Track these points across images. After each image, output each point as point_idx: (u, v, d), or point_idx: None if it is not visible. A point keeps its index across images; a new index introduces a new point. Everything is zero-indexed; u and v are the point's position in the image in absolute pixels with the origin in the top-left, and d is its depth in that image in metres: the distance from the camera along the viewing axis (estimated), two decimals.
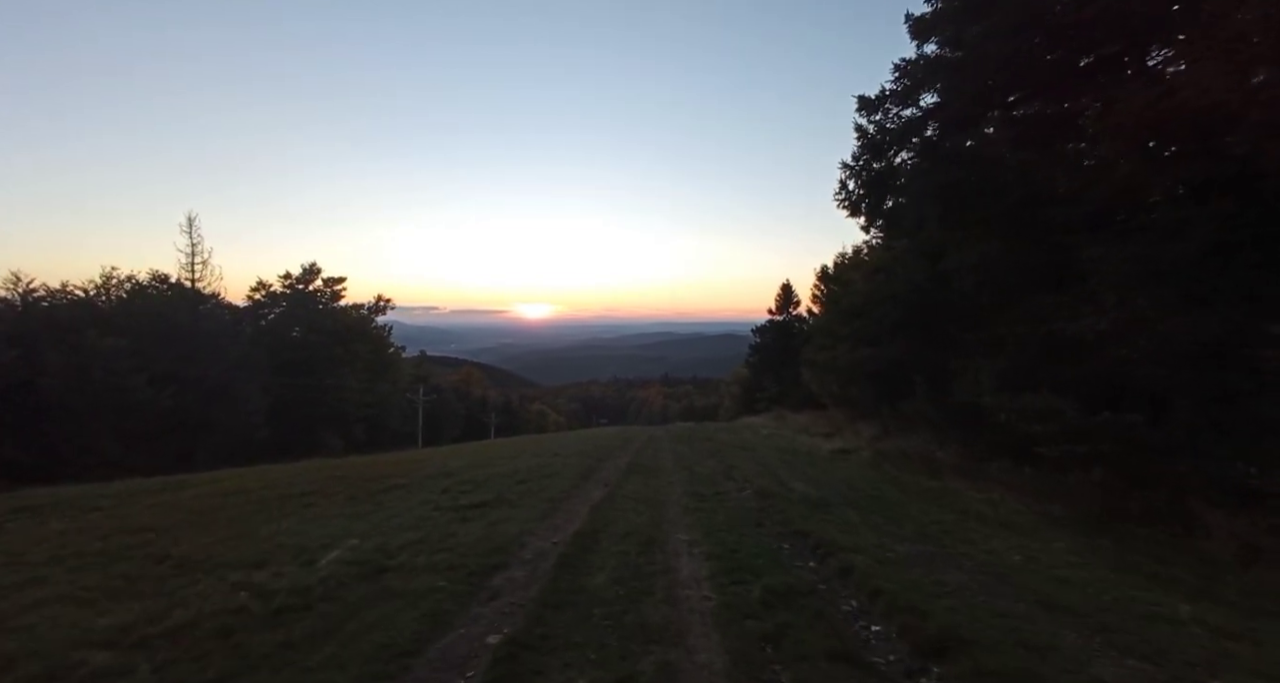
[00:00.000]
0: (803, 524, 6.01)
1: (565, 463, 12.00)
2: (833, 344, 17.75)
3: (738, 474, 9.95)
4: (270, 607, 4.06)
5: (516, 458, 13.62)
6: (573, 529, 6.33)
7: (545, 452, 14.89)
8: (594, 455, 13.34)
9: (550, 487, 9.15)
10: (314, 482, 10.06)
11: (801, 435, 17.38)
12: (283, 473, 11.83)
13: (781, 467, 10.96)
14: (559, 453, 14.34)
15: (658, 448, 15.24)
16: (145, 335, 29.54)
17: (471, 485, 9.32)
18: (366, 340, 44.16)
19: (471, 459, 13.62)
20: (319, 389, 38.85)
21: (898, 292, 13.18)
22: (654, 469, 10.94)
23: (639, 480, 9.65)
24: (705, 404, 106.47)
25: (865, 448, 12.31)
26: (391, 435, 49.08)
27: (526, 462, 12.52)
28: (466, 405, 65.49)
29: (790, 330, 44.91)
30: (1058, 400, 7.01)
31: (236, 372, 31.05)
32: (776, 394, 41.82)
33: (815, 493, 8.00)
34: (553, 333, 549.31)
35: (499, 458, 13.75)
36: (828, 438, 16.25)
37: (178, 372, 29.06)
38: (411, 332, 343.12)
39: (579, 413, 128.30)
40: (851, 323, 16.70)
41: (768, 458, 12.36)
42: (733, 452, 13.59)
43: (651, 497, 8.15)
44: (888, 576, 4.18)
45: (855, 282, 16.08)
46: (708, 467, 11.01)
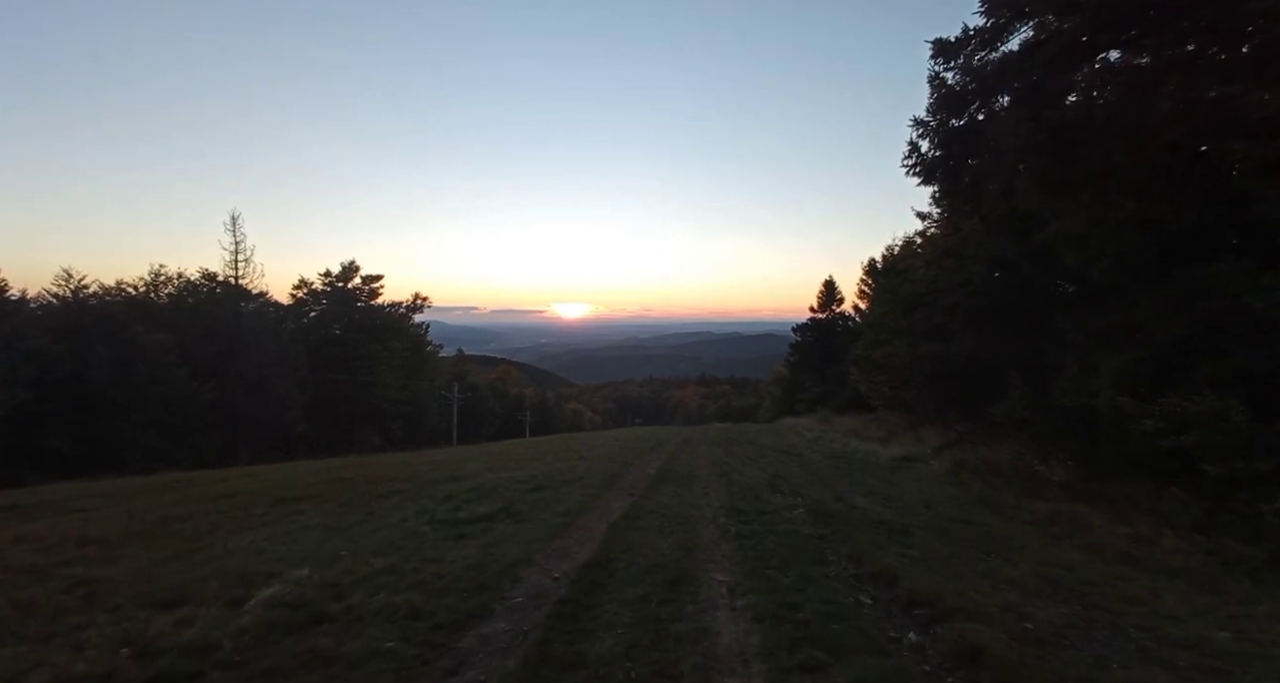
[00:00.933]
0: (881, 560, 4.52)
1: (590, 467, 10.76)
2: (888, 340, 15.93)
3: (786, 485, 8.46)
4: (145, 675, 2.90)
5: (538, 460, 12.46)
6: (583, 557, 5.02)
7: (571, 453, 13.70)
8: (622, 459, 12.05)
9: (567, 496, 7.90)
10: (314, 484, 9.12)
11: (852, 440, 15.63)
12: (289, 473, 11.02)
13: (837, 477, 9.39)
14: (585, 455, 13.12)
15: (693, 451, 13.83)
16: (190, 331, 30.05)
17: (479, 493, 8.15)
18: (404, 338, 44.21)
19: (491, 461, 12.53)
20: (357, 386, 38.98)
21: (972, 276, 11.36)
22: (688, 477, 9.55)
23: (670, 491, 8.29)
24: (742, 405, 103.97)
25: (935, 457, 10.58)
26: (428, 433, 49.19)
27: (548, 465, 11.33)
28: (503, 404, 65.43)
29: (833, 329, 42.69)
30: (1224, 402, 5.26)
31: (276, 368, 31.21)
32: (819, 395, 39.73)
33: (887, 514, 6.46)
34: (590, 332, 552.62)
35: (520, 460, 12.62)
36: (883, 443, 14.47)
37: (219, 367, 29.39)
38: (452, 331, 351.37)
39: (615, 412, 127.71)
40: (910, 316, 14.87)
41: (818, 466, 10.79)
42: (777, 457, 12.06)
43: (683, 513, 6.77)
44: (1044, 673, 2.69)
45: (916, 269, 14.25)
46: (749, 475, 9.55)
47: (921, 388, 16.55)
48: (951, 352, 12.99)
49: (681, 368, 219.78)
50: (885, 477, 9.35)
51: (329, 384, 37.94)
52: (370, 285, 40.65)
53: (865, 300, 33.20)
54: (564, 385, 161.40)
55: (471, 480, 9.31)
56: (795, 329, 45.05)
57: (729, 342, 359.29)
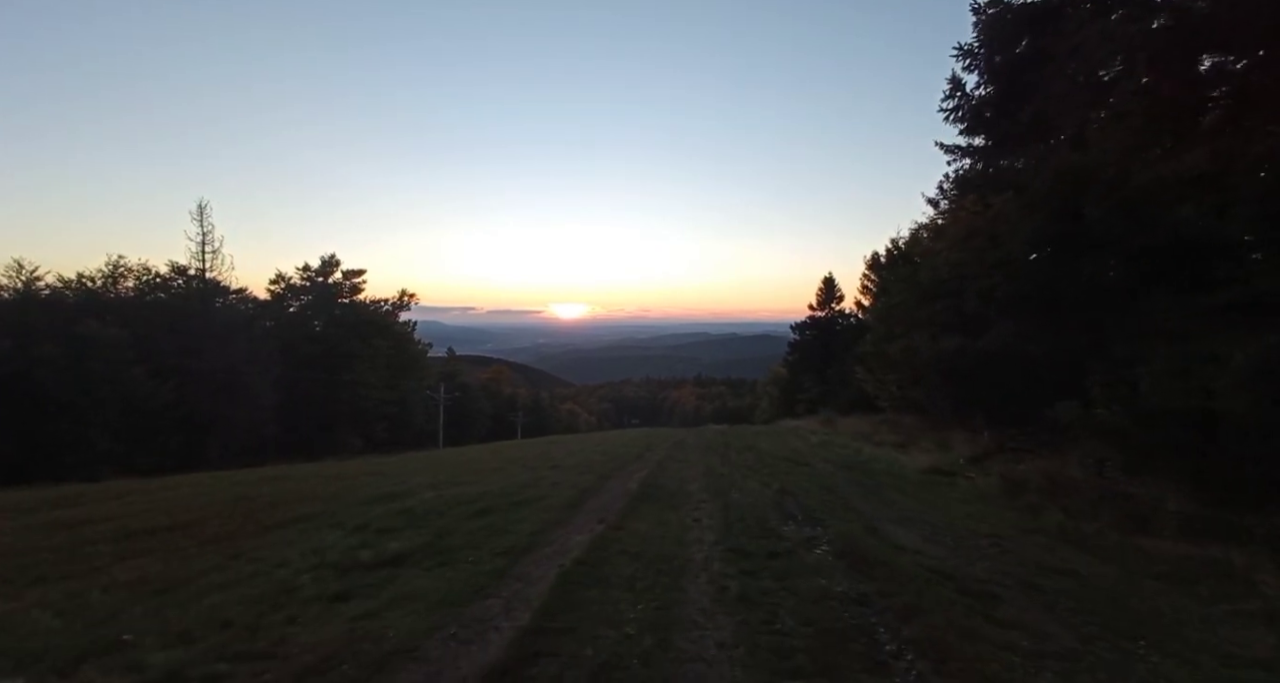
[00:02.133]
0: (976, 665, 2.69)
1: (560, 480, 8.90)
2: (904, 332, 14.11)
3: (797, 507, 6.63)
4: None
5: (503, 470, 10.59)
6: (494, 652, 3.16)
7: (545, 461, 11.84)
8: (601, 468, 10.20)
9: (518, 524, 6.05)
10: (199, 509, 7.20)
11: (864, 445, 13.80)
12: (193, 491, 9.10)
13: (859, 495, 7.56)
14: (560, 463, 11.26)
15: (685, 458, 11.98)
16: (152, 327, 28.10)
17: (407, 520, 6.28)
18: (389, 336, 42.25)
19: (448, 470, 10.65)
20: (337, 385, 37.01)
21: (1013, 254, 9.56)
22: (675, 494, 7.70)
23: (652, 516, 6.44)
24: (739, 405, 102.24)
25: (973, 469, 8.77)
26: (415, 434, 47.22)
27: (512, 477, 9.47)
28: (495, 404, 63.44)
29: (833, 327, 40.99)
30: None
31: (247, 366, 29.23)
32: (819, 395, 38.01)
33: (944, 557, 4.63)
34: (587, 333, 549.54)
35: (484, 469, 10.74)
36: (901, 450, 12.65)
37: (183, 365, 27.42)
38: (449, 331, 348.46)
39: (611, 413, 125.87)
40: (931, 306, 13.06)
41: (833, 478, 8.95)
42: (782, 467, 10.23)
43: (665, 553, 4.93)
44: None
45: (938, 252, 12.44)
46: (751, 492, 7.71)
47: (939, 387, 14.74)
48: (980, 345, 11.18)
49: (678, 368, 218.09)
50: (919, 495, 7.52)
51: (307, 383, 35.95)
52: (352, 281, 38.71)
53: (868, 296, 31.43)
54: (560, 386, 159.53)
55: (407, 500, 7.44)
56: (794, 327, 43.30)
57: (725, 342, 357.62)
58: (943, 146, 19.84)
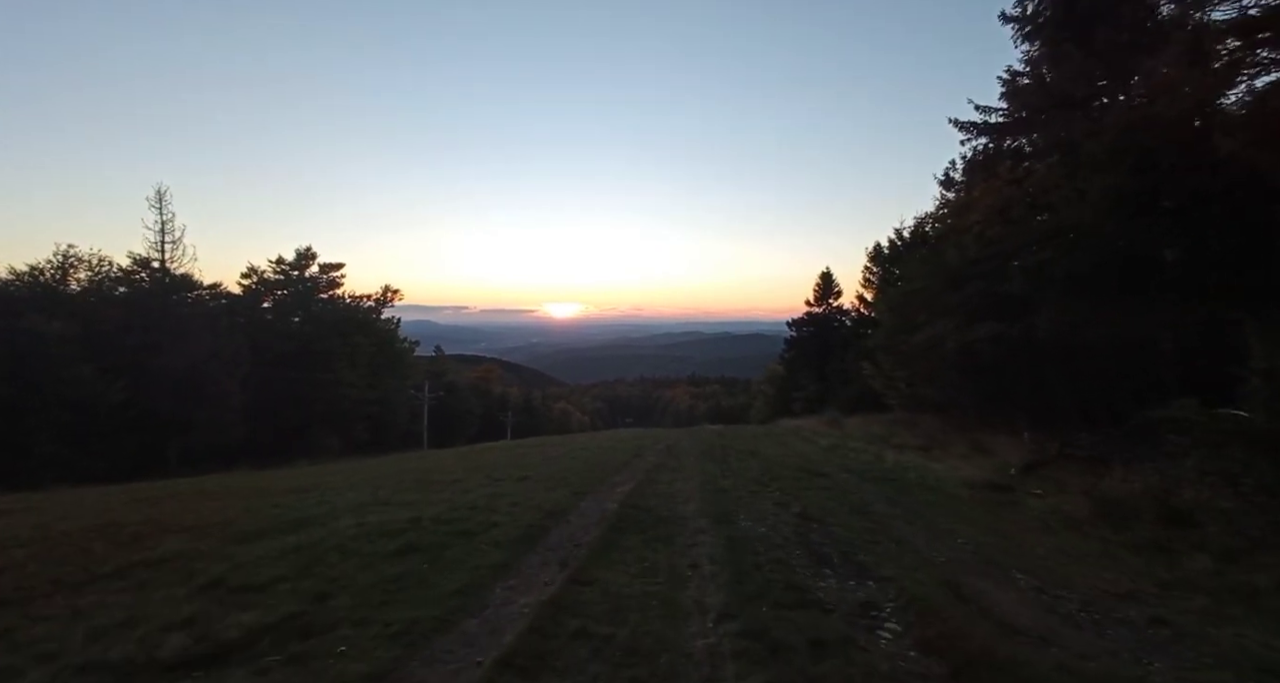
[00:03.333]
0: None
1: (525, 497, 7.10)
2: (926, 322, 12.38)
3: (830, 542, 4.88)
4: None
5: (461, 482, 8.74)
6: None
7: (515, 470, 10.02)
8: (578, 481, 8.40)
9: (445, 574, 4.25)
10: (34, 542, 5.36)
11: (883, 450, 12.06)
12: (64, 508, 7.21)
13: (904, 520, 5.80)
14: (532, 473, 9.45)
15: (678, 466, 10.20)
16: (105, 321, 26.03)
17: (293, 565, 4.45)
18: (370, 333, 40.23)
19: (390, 486, 8.77)
20: (314, 384, 34.97)
21: (1075, 221, 7.84)
22: (666, 520, 5.92)
23: (632, 557, 4.67)
24: (733, 404, 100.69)
25: (1029, 481, 7.06)
26: (400, 435, 45.24)
27: (467, 493, 7.64)
28: (484, 404, 61.45)
29: (830, 323, 39.46)
30: None
31: (211, 363, 27.19)
32: (817, 394, 36.48)
33: (1103, 660, 2.87)
34: (581, 332, 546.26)
35: (436, 483, 8.89)
36: (927, 455, 10.92)
37: (139, 363, 25.36)
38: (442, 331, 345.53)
39: (604, 412, 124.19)
40: (960, 290, 11.34)
41: (862, 495, 7.19)
42: (794, 478, 8.47)
43: (648, 632, 3.17)
44: None
45: (969, 228, 10.71)
46: (763, 516, 5.95)
47: (964, 382, 13.04)
48: (1021, 332, 9.47)
49: (672, 367, 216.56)
50: (982, 521, 5.78)
51: (281, 382, 33.89)
52: (330, 274, 36.66)
53: (871, 289, 29.82)
54: (554, 385, 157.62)
55: (312, 530, 5.59)
56: (791, 324, 41.70)
57: (719, 341, 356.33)
58: (958, 124, 18.20)
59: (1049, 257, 8.34)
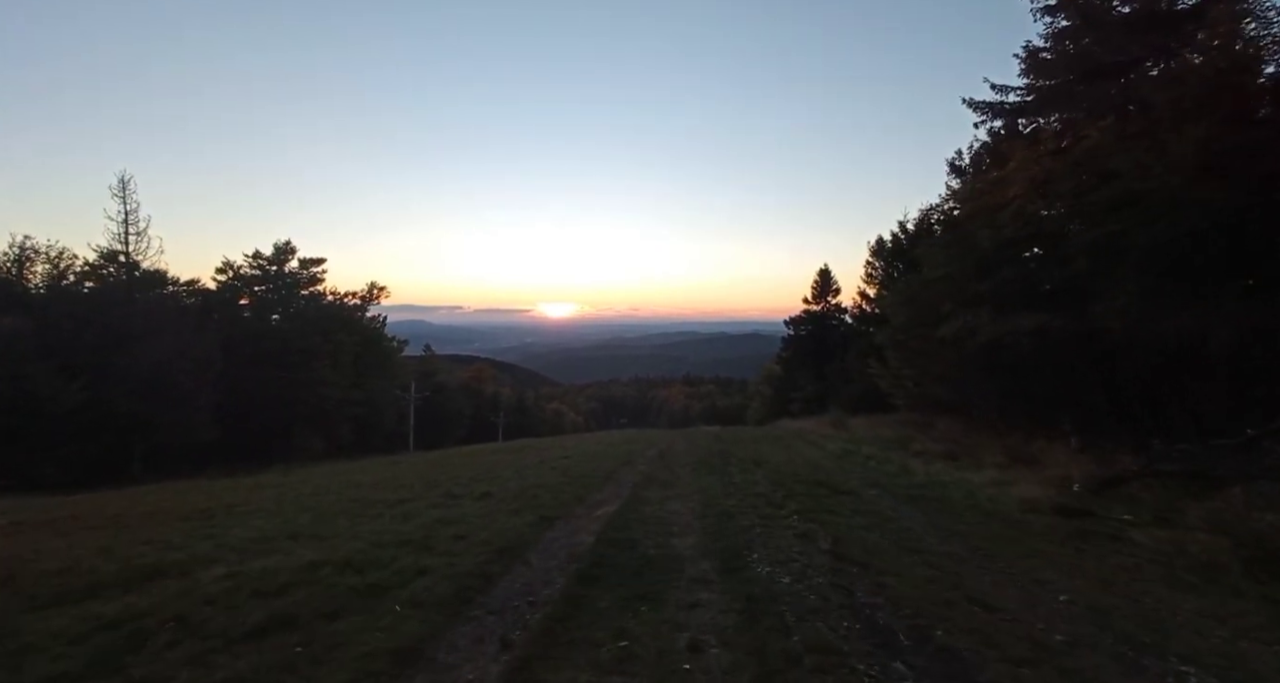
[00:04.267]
0: None
1: (476, 527, 5.55)
2: (952, 312, 10.90)
3: (887, 606, 3.38)
4: None
5: (405, 504, 7.15)
6: None
7: (482, 483, 8.47)
8: (551, 500, 6.84)
9: (318, 671, 2.73)
10: None
11: (904, 457, 10.56)
12: None
13: (978, 568, 4.29)
14: (498, 489, 7.88)
15: (672, 480, 8.66)
16: (67, 318, 24.28)
17: (82, 670, 2.93)
18: (354, 331, 38.52)
19: (315, 513, 7.17)
20: (294, 384, 33.24)
21: (1165, 186, 6.37)
22: (655, 563, 4.38)
23: (605, 634, 3.13)
24: (728, 405, 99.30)
25: (1107, 503, 5.59)
26: (386, 436, 43.54)
27: (406, 520, 6.07)
28: (475, 404, 59.73)
29: (829, 322, 38.12)
30: None
31: (178, 362, 25.44)
32: (816, 393, 35.08)
33: None
34: (576, 332, 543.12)
35: (374, 504, 7.31)
36: (954, 463, 9.43)
37: (100, 362, 23.64)
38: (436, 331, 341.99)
39: (599, 412, 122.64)
40: (994, 275, 9.86)
41: (906, 523, 5.68)
42: (812, 495, 6.94)
43: None
44: None
45: (1008, 204, 9.21)
46: (786, 558, 4.42)
47: (990, 381, 11.59)
48: (1071, 323, 8.00)
49: (667, 367, 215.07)
50: (1079, 567, 4.27)
51: (258, 382, 32.13)
52: (310, 270, 34.92)
53: (874, 285, 28.35)
54: (548, 385, 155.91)
55: (157, 588, 3.99)
56: (788, 322, 40.26)
57: (714, 341, 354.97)
58: (973, 104, 16.75)
59: (1119, 230, 6.86)
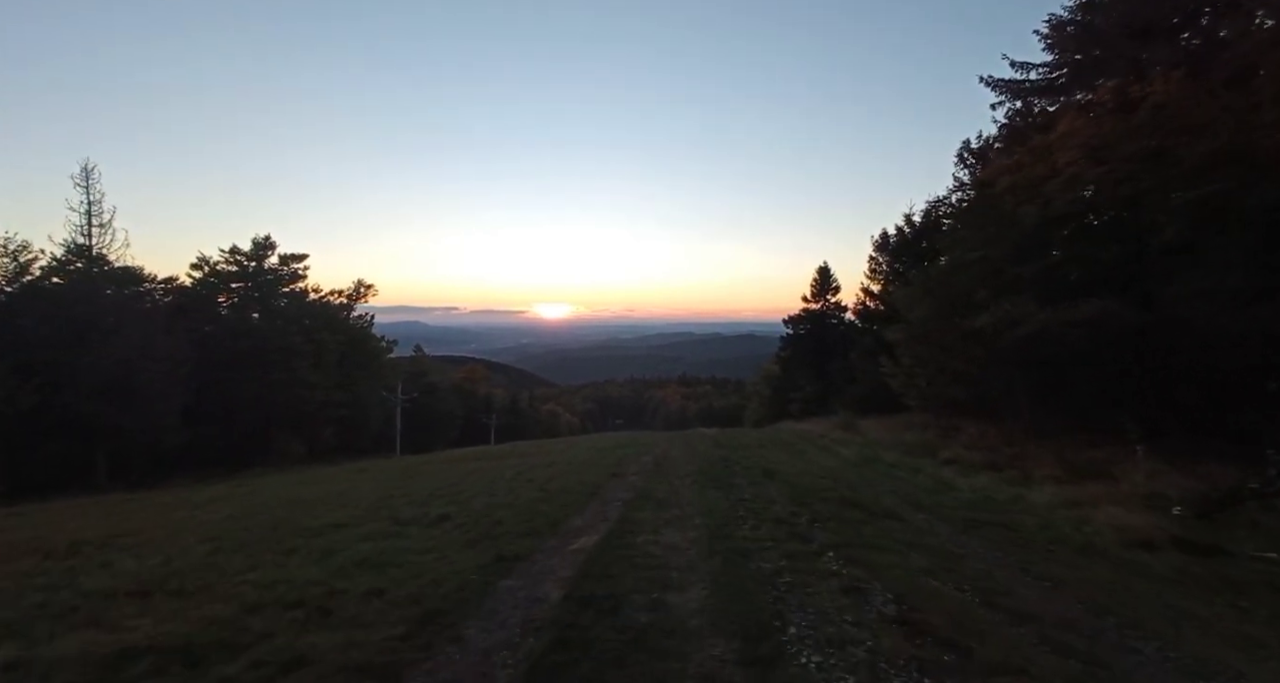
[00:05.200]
0: None
1: (409, 575, 4.13)
2: (990, 300, 9.50)
3: None
4: None
5: (336, 532, 5.71)
6: None
7: (433, 507, 7.02)
8: (514, 530, 5.41)
9: None
10: None
11: (935, 466, 9.17)
12: None
13: (1138, 660, 2.90)
14: (458, 511, 6.43)
15: (669, 498, 7.23)
16: (25, 315, 22.67)
17: None
18: (338, 330, 36.91)
19: (205, 548, 5.70)
20: (272, 385, 31.59)
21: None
22: (645, 647, 2.96)
23: None
24: (725, 405, 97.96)
25: (1235, 534, 4.25)
26: (372, 439, 41.94)
27: (302, 571, 4.63)
28: (467, 406, 58.10)
29: (828, 320, 36.84)
30: None
31: (145, 362, 23.84)
32: (816, 394, 33.71)
33: None
34: (571, 333, 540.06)
35: (291, 536, 5.85)
36: (997, 474, 8.04)
37: (59, 361, 22.03)
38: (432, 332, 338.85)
39: (594, 413, 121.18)
40: (1041, 258, 8.48)
41: (984, 566, 4.27)
42: (848, 524, 5.53)
43: None
44: None
45: (1064, 170, 7.82)
46: (838, 632, 3.03)
47: (1023, 379, 10.23)
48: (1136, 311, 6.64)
49: (663, 368, 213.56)
50: (1255, 639, 2.92)
51: (234, 383, 30.45)
52: (291, 266, 33.31)
53: (878, 281, 27.05)
54: (544, 386, 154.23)
55: None
56: (787, 321, 38.91)
57: (710, 342, 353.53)
58: (991, 82, 15.46)
59: (1218, 190, 5.48)
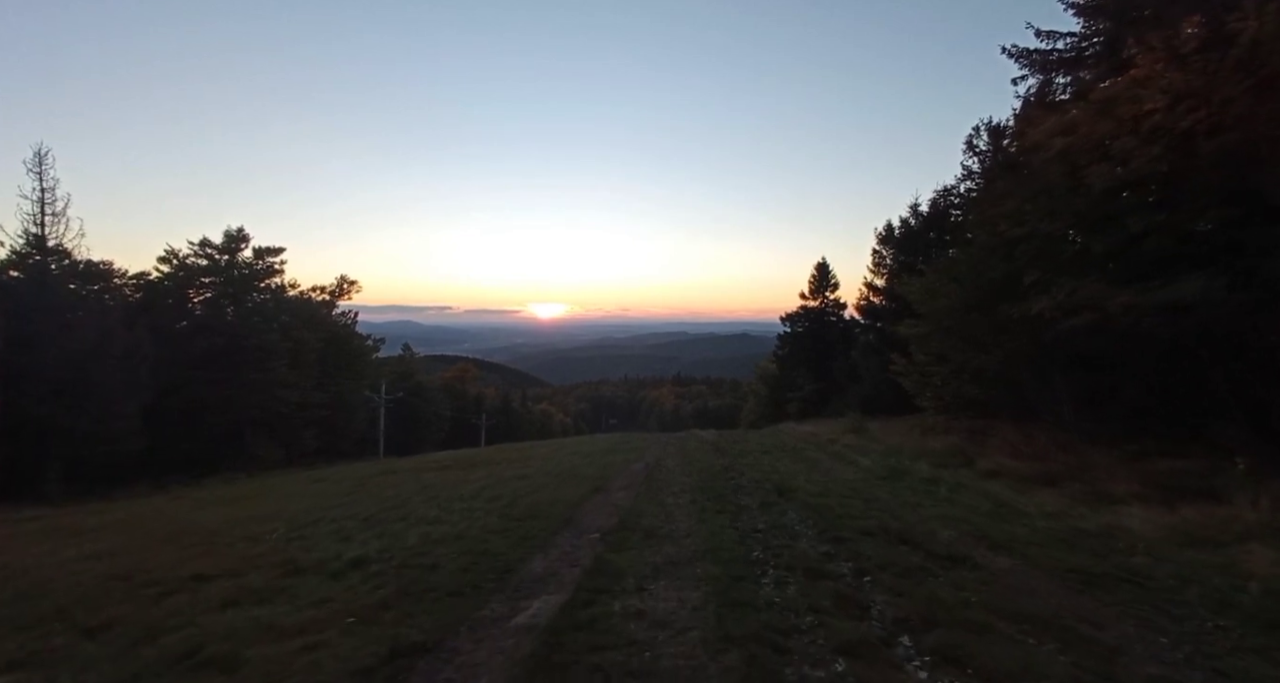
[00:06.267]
0: None
1: (250, 669, 2.61)
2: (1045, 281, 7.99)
3: None
4: None
5: (209, 582, 4.12)
6: None
7: (343, 552, 5.45)
8: (440, 589, 3.86)
9: None
10: None
11: (982, 480, 7.66)
12: None
13: None
14: (366, 558, 4.87)
15: (662, 526, 5.68)
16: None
17: None
18: (317, 328, 35.13)
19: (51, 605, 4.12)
20: (245, 386, 29.79)
21: None
22: None
23: None
24: (719, 405, 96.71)
25: None
26: (355, 442, 40.17)
27: (127, 659, 3.10)
28: (456, 406, 56.30)
29: (827, 318, 35.47)
30: None
31: (99, 362, 22.07)
32: (815, 394, 32.30)
33: None
34: (565, 332, 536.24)
35: (119, 600, 4.28)
36: (1058, 491, 6.56)
37: (5, 360, 20.25)
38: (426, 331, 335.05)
39: (588, 413, 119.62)
40: (1108, 231, 6.99)
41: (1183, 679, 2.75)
42: (917, 579, 4.02)
43: None
44: None
45: (1147, 118, 6.29)
46: None
47: (1068, 377, 8.76)
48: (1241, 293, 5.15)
49: (657, 368, 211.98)
50: None
51: (206, 384, 28.62)
52: (267, 260, 31.50)
53: (882, 275, 25.59)
54: (538, 386, 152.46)
55: None
56: (784, 319, 37.44)
57: (704, 342, 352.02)
58: (1014, 53, 14.03)
59: None
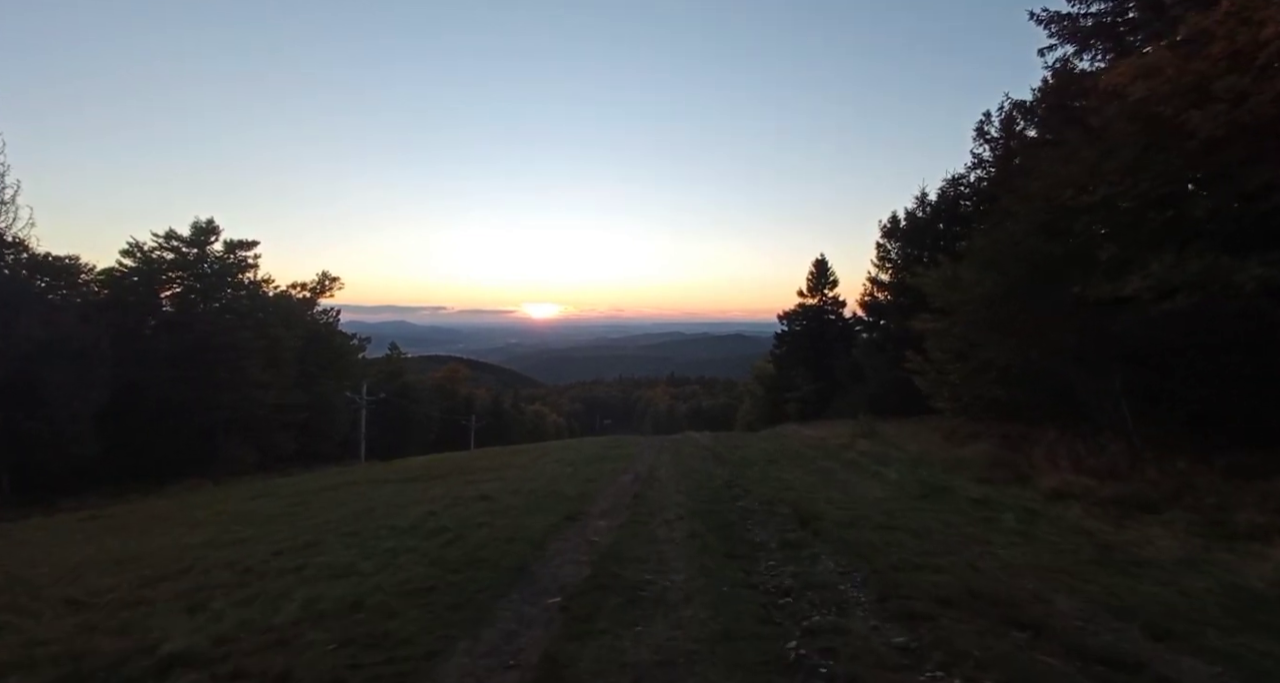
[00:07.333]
0: None
1: None
2: (1120, 261, 6.56)
3: None
4: None
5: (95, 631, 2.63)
6: None
7: (225, 614, 3.95)
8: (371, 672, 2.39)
9: None
10: None
11: (1047, 503, 6.23)
12: None
13: None
14: (194, 648, 3.36)
15: (644, 583, 4.22)
16: None
17: None
18: (295, 326, 33.39)
19: None
20: (216, 386, 28.05)
21: None
22: None
23: None
24: (713, 405, 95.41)
25: None
26: (338, 445, 38.42)
27: None
28: (445, 407, 54.55)
29: (825, 316, 34.19)
30: None
31: (53, 362, 20.36)
32: (814, 394, 30.99)
33: None
34: (560, 333, 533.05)
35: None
36: (1153, 517, 5.13)
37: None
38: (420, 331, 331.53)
39: (581, 413, 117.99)
40: (1213, 194, 5.55)
41: None
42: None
43: None
44: None
45: (1264, 47, 4.85)
46: None
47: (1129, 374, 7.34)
48: None
49: (651, 368, 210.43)
50: None
51: (173, 384, 26.84)
52: (239, 255, 29.76)
53: (886, 270, 24.23)
54: (532, 386, 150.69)
55: None
56: (782, 317, 36.07)
57: (698, 342, 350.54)
58: (1042, 18, 12.68)
59: None
